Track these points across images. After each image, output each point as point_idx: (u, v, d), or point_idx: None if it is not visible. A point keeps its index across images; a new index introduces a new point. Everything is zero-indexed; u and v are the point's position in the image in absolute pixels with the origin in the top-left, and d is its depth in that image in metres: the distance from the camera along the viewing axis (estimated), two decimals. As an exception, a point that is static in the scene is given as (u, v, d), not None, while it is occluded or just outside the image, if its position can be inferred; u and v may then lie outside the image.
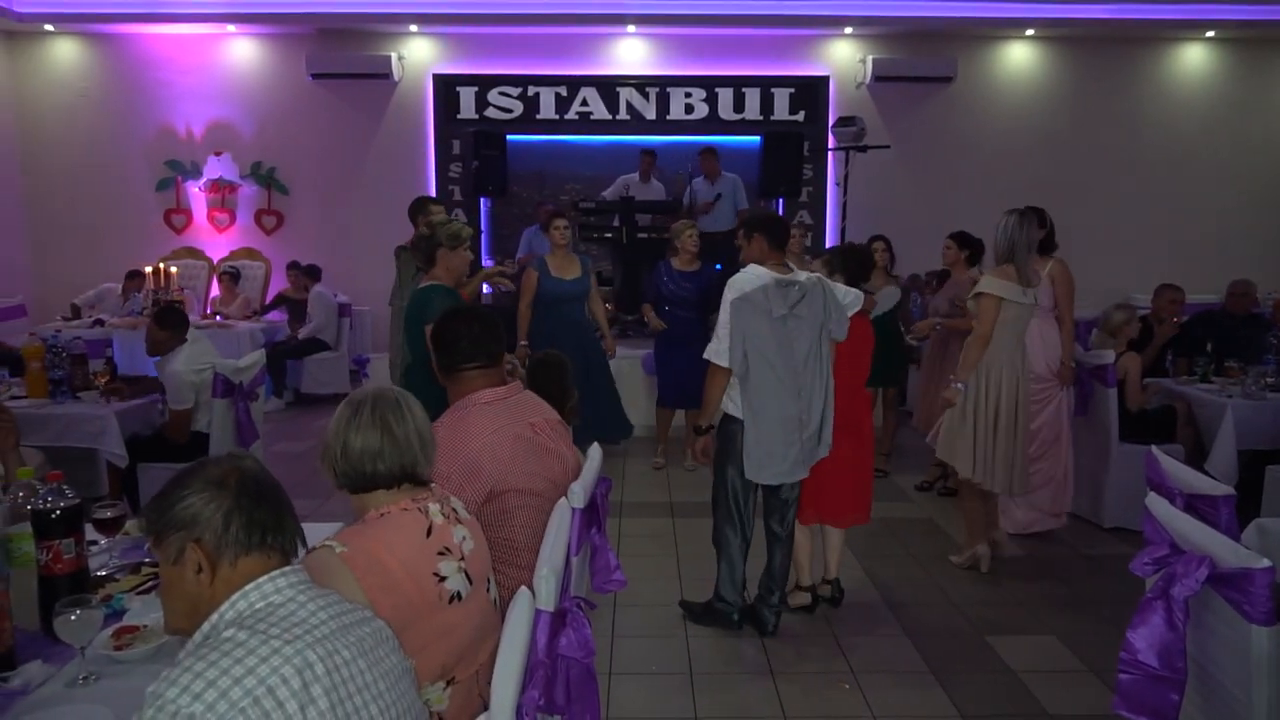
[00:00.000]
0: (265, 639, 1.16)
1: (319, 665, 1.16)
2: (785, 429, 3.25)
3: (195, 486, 1.31)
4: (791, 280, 3.27)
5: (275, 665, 1.13)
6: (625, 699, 3.07)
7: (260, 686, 1.10)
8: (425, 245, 3.56)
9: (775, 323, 3.21)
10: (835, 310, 3.32)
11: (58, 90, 9.37)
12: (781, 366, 3.23)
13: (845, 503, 3.69)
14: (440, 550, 1.67)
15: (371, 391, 1.76)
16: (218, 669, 1.11)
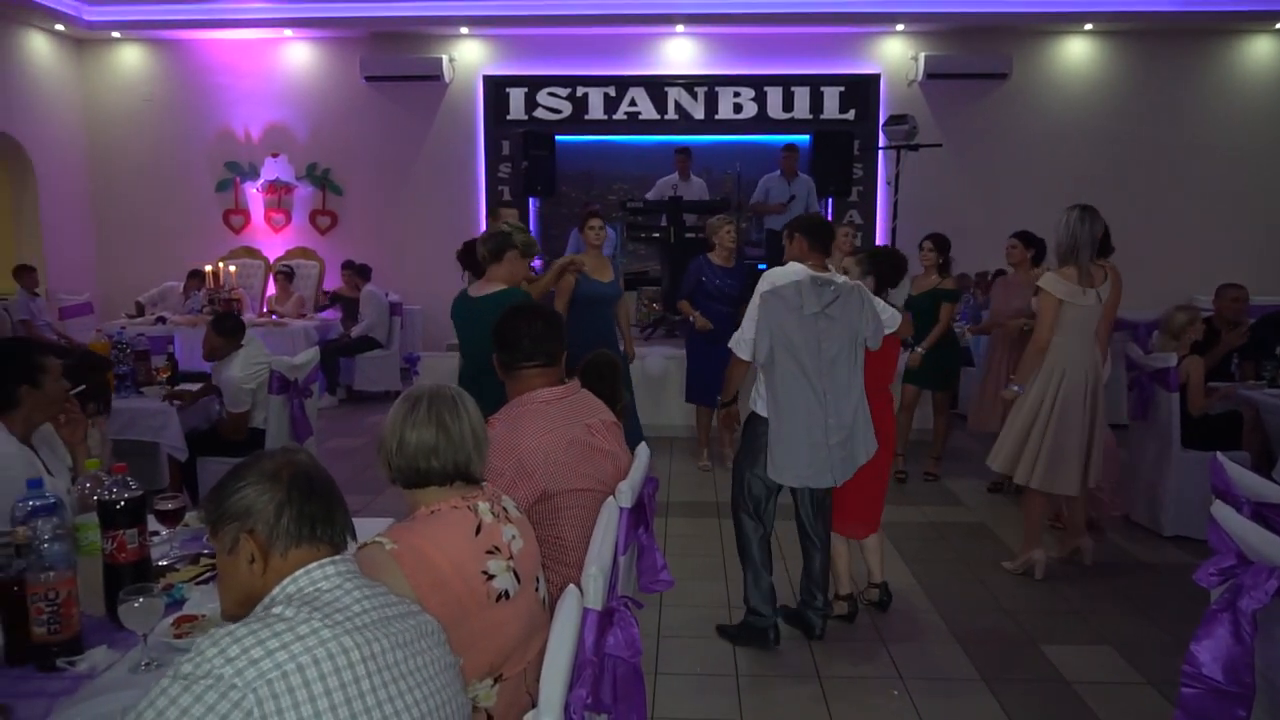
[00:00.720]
0: (306, 619, 1.18)
1: (354, 652, 1.18)
2: (810, 430, 3.19)
3: (250, 479, 1.35)
4: (828, 280, 3.23)
5: (309, 645, 1.15)
6: (670, 699, 3.07)
7: (290, 662, 1.13)
8: (496, 242, 3.57)
9: (806, 320, 3.16)
10: (873, 318, 3.25)
11: (123, 95, 9.68)
12: (808, 365, 3.18)
13: (848, 514, 3.59)
14: (489, 549, 1.68)
15: (429, 389, 1.79)
16: (255, 638, 1.14)
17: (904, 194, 8.04)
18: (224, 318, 4.59)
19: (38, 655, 1.74)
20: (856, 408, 3.24)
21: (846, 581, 3.68)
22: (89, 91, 9.69)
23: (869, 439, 3.30)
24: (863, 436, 3.28)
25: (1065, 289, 3.79)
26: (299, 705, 1.11)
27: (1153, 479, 4.66)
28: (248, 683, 1.10)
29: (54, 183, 9.29)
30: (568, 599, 1.48)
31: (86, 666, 1.74)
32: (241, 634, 1.15)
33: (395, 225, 9.51)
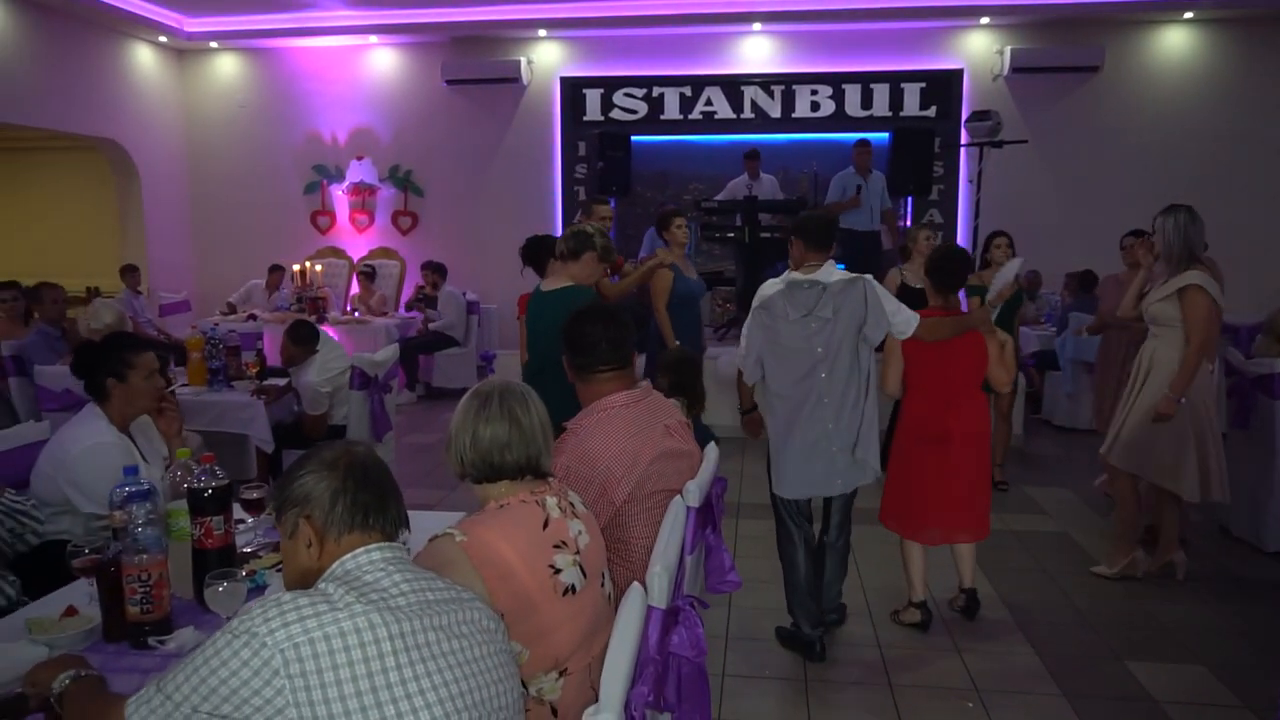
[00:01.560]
0: (342, 596, 1.25)
1: (382, 629, 1.23)
2: (808, 440, 3.10)
3: (310, 467, 1.43)
4: (811, 281, 3.12)
5: (339, 618, 1.21)
6: (737, 702, 3.05)
7: (318, 630, 1.20)
8: (578, 242, 3.59)
9: (793, 326, 3.07)
10: (875, 310, 3.10)
11: (220, 102, 10.12)
12: (800, 372, 3.08)
13: (930, 519, 3.47)
14: (556, 543, 1.70)
15: (498, 384, 1.82)
16: (293, 606, 1.22)
17: (986, 192, 7.81)
18: (298, 326, 4.75)
19: (131, 633, 1.83)
20: (865, 411, 3.14)
21: (920, 588, 3.58)
22: (189, 99, 10.17)
23: (870, 447, 3.19)
24: (867, 443, 3.17)
25: (1216, 289, 3.63)
26: (321, 671, 1.18)
27: (1255, 492, 4.41)
28: (277, 643, 1.18)
29: (157, 187, 9.78)
30: (632, 596, 1.49)
31: (175, 646, 1.82)
32: (285, 601, 1.23)
33: (473, 225, 9.69)
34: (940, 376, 3.40)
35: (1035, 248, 8.09)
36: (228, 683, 1.18)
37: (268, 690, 1.17)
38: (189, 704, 1.20)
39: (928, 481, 3.41)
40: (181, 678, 1.21)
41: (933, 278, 3.49)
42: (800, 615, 3.35)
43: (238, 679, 1.18)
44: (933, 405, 3.40)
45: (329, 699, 1.17)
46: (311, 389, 4.46)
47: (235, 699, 1.18)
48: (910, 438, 3.45)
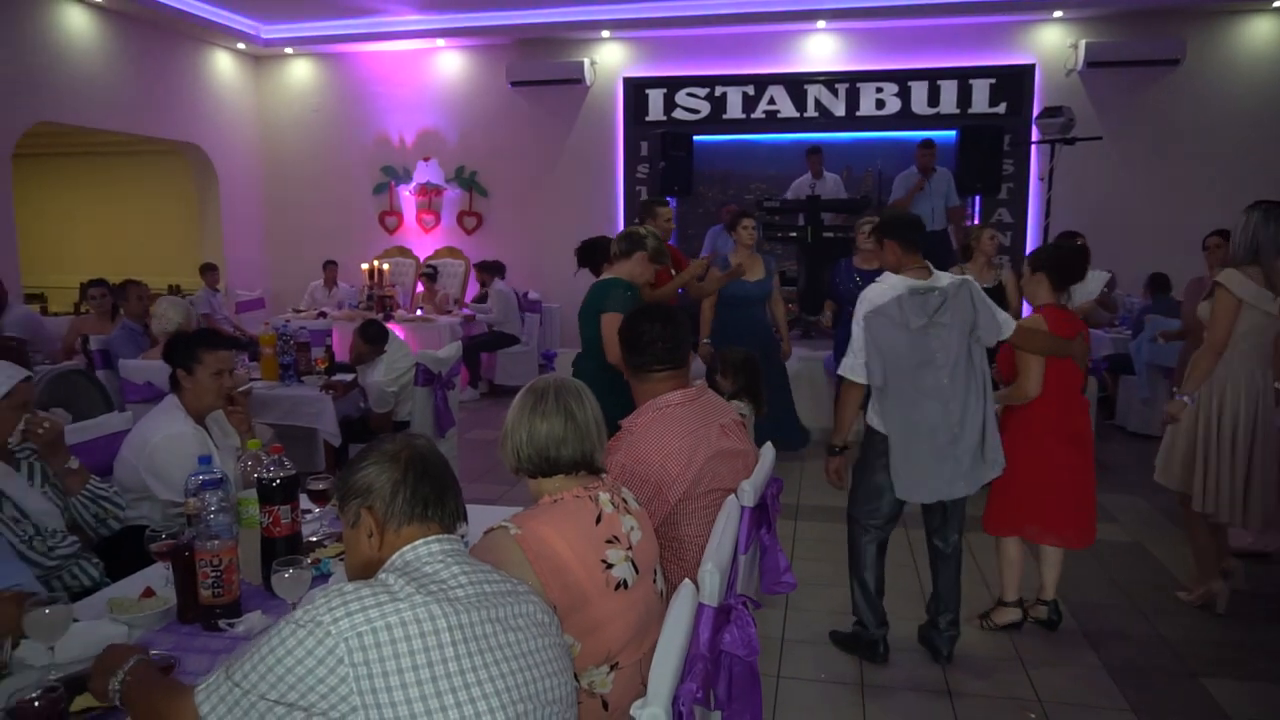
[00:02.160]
0: (403, 587, 1.28)
1: (441, 620, 1.25)
2: (935, 445, 3.02)
3: (372, 459, 1.47)
4: (929, 287, 3.04)
5: (400, 609, 1.24)
6: (792, 704, 3.03)
7: (380, 620, 1.22)
8: (630, 243, 3.62)
9: (914, 335, 2.98)
10: (984, 312, 3.04)
11: (293, 106, 10.44)
12: (923, 379, 3.00)
13: (1069, 519, 3.39)
14: (609, 538, 1.72)
15: (552, 380, 1.84)
16: (356, 596, 1.25)
17: (1059, 191, 7.58)
18: (369, 325, 4.87)
19: (204, 615, 1.91)
20: (984, 411, 3.06)
21: (1014, 589, 3.50)
22: (264, 104, 10.52)
23: (994, 444, 3.12)
24: (994, 440, 3.11)
25: (1250, 290, 3.45)
26: (384, 660, 1.21)
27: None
28: (340, 632, 1.21)
29: (234, 188, 10.14)
30: (683, 593, 1.50)
31: (244, 629, 1.89)
32: (348, 591, 1.26)
33: (536, 225, 9.80)
34: (1071, 375, 3.35)
35: (1111, 248, 7.85)
36: (294, 670, 1.21)
37: (332, 678, 1.20)
38: (256, 691, 1.23)
39: (1063, 484, 3.34)
40: (249, 666, 1.25)
41: (1052, 275, 3.38)
42: (867, 615, 3.32)
43: (303, 667, 1.21)
44: (1064, 403, 3.34)
45: (390, 687, 1.20)
46: (378, 388, 4.58)
47: (301, 686, 1.21)
48: (1046, 439, 3.33)
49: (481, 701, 1.23)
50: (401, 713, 1.19)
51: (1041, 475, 3.31)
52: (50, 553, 2.26)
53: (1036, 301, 3.41)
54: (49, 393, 3.66)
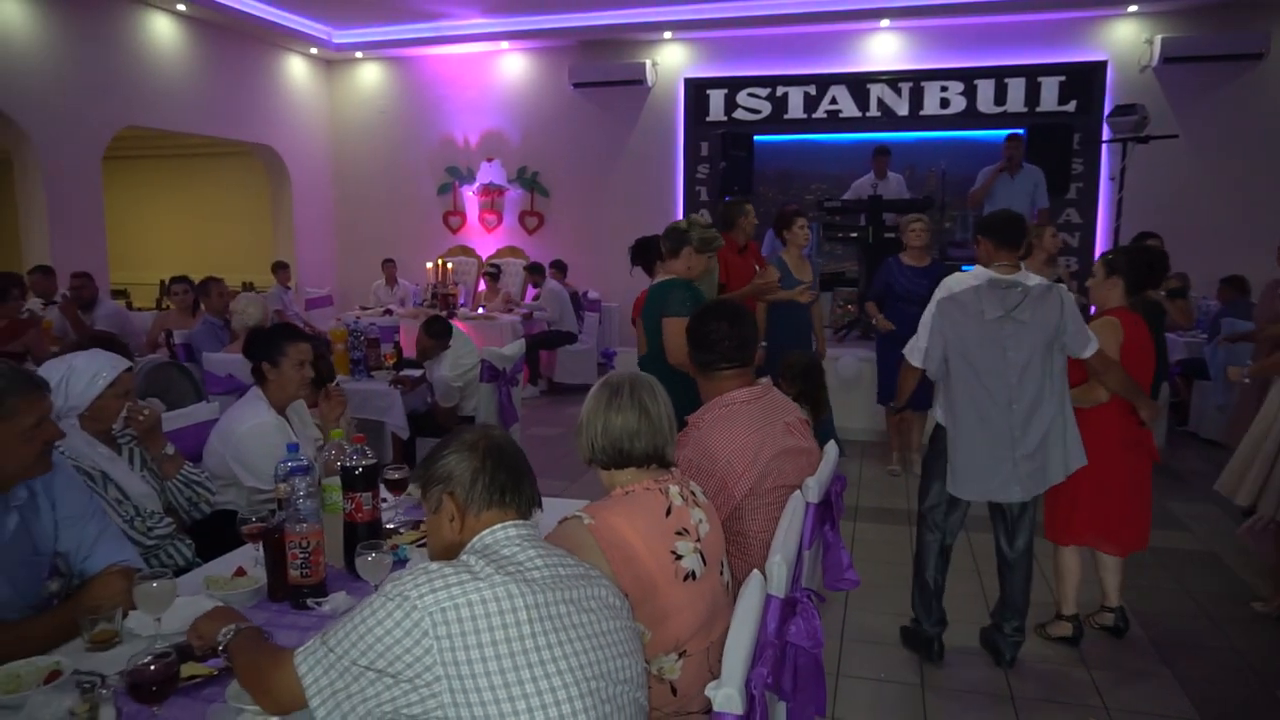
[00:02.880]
0: (484, 568, 1.35)
1: (519, 599, 1.32)
2: (993, 442, 2.99)
3: (453, 448, 1.55)
4: (1013, 282, 3.00)
5: (480, 587, 1.31)
6: (853, 701, 3.04)
7: (463, 598, 1.30)
8: (674, 241, 3.64)
9: (988, 326, 2.96)
10: (1074, 323, 2.99)
11: (362, 109, 10.73)
12: (989, 374, 2.97)
13: (1125, 524, 3.34)
14: (678, 530, 1.77)
15: (628, 375, 1.90)
16: (440, 574, 1.33)
17: (1132, 191, 7.39)
18: (433, 322, 5.00)
19: (292, 594, 2.01)
20: (1052, 419, 3.01)
21: (1072, 601, 3.44)
22: (334, 106, 10.83)
23: (1071, 452, 3.06)
24: (1059, 450, 3.04)
25: None
26: (465, 634, 1.28)
27: None
28: (426, 607, 1.29)
29: (305, 189, 10.47)
30: (752, 583, 1.54)
31: (330, 608, 2.00)
32: (433, 570, 1.34)
33: (596, 225, 9.91)
34: (1139, 374, 3.28)
35: (1186, 249, 7.61)
36: (382, 640, 1.30)
37: (417, 649, 1.28)
38: (349, 658, 1.32)
39: (1124, 488, 3.29)
40: (343, 634, 1.34)
41: (1128, 278, 3.31)
42: (922, 612, 3.31)
43: (391, 637, 1.29)
44: (1127, 409, 3.28)
45: (471, 660, 1.27)
46: (444, 382, 4.71)
47: (389, 655, 1.29)
48: (1111, 443, 3.28)
49: (556, 677, 1.29)
50: (481, 684, 1.26)
51: (1101, 480, 3.26)
52: (149, 533, 2.41)
53: (1108, 305, 3.34)
54: (145, 383, 3.86)
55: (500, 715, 1.25)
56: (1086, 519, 3.32)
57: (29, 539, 1.96)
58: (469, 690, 1.26)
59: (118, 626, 1.82)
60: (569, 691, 1.29)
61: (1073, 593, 3.44)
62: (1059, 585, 3.48)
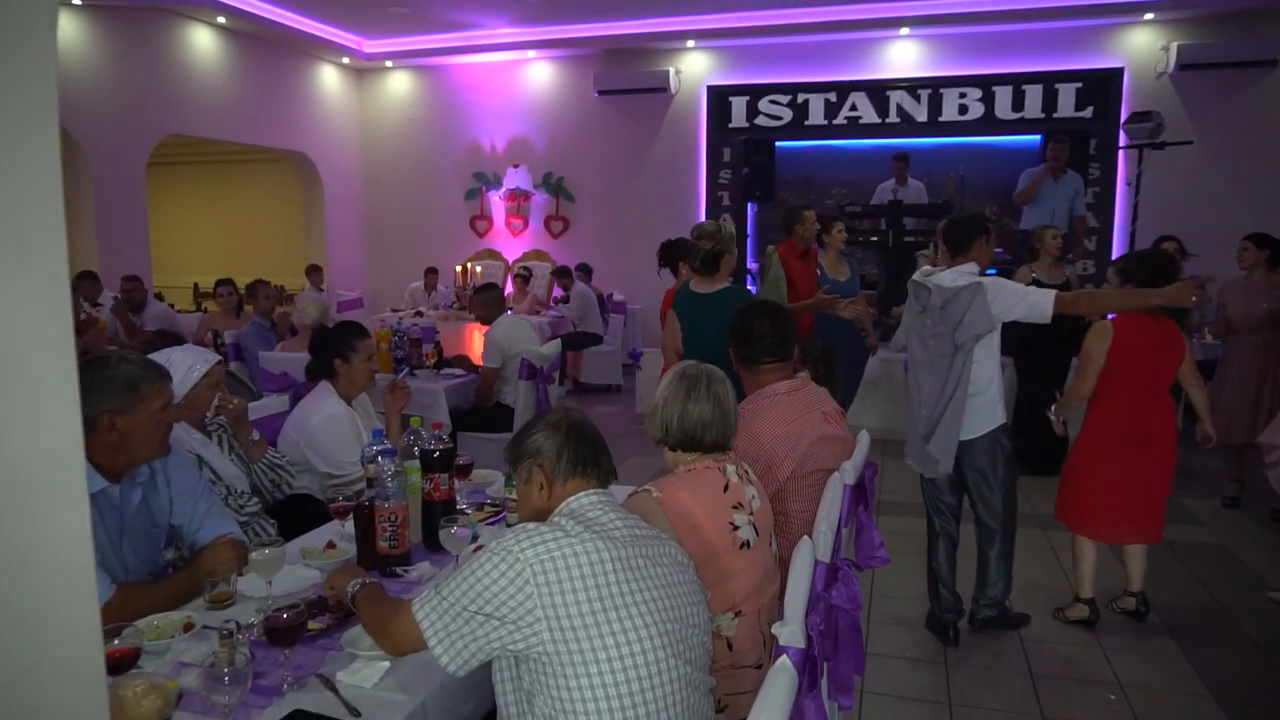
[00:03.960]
0: (574, 527, 1.57)
1: (605, 553, 1.53)
2: (914, 414, 3.40)
3: (539, 427, 1.77)
4: (930, 286, 3.33)
5: (572, 543, 1.53)
6: (881, 677, 3.24)
7: (558, 552, 1.51)
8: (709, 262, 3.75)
9: (916, 317, 3.39)
10: (974, 313, 3.15)
11: (391, 116, 11.01)
12: (919, 356, 3.39)
13: (1123, 519, 3.52)
14: (734, 504, 1.98)
15: (704, 369, 2.12)
16: (538, 532, 1.55)
17: (1146, 196, 7.54)
18: (484, 287, 5.38)
19: (380, 563, 2.24)
20: (944, 408, 3.25)
21: (1088, 585, 3.62)
22: (364, 114, 11.11)
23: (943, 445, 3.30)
24: (943, 440, 3.28)
25: None
26: (560, 582, 1.49)
27: None
28: (527, 560, 1.50)
29: (336, 194, 10.75)
30: (803, 548, 1.75)
31: (415, 575, 2.22)
32: (533, 529, 1.56)
33: (621, 229, 10.13)
34: (1143, 375, 3.40)
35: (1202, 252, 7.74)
36: (490, 589, 1.51)
37: (520, 595, 1.50)
38: (460, 604, 1.53)
39: (1123, 483, 3.45)
40: (455, 585, 1.55)
41: (1139, 282, 3.41)
42: (934, 599, 3.54)
43: (497, 585, 1.51)
44: (1134, 406, 3.42)
45: (566, 603, 1.48)
46: (492, 340, 5.02)
47: (495, 601, 1.51)
48: (1110, 439, 3.45)
49: (638, 618, 1.51)
50: (575, 623, 1.47)
51: (1102, 474, 3.45)
52: (240, 510, 2.64)
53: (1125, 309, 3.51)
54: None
55: (592, 649, 1.47)
56: (1086, 509, 3.53)
57: (149, 513, 2.19)
58: (565, 629, 1.47)
59: (232, 589, 2.05)
60: (648, 630, 1.51)
61: (1088, 578, 3.62)
62: (1075, 569, 3.66)
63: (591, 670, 1.46)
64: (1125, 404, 3.45)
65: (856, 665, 2.09)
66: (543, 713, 1.48)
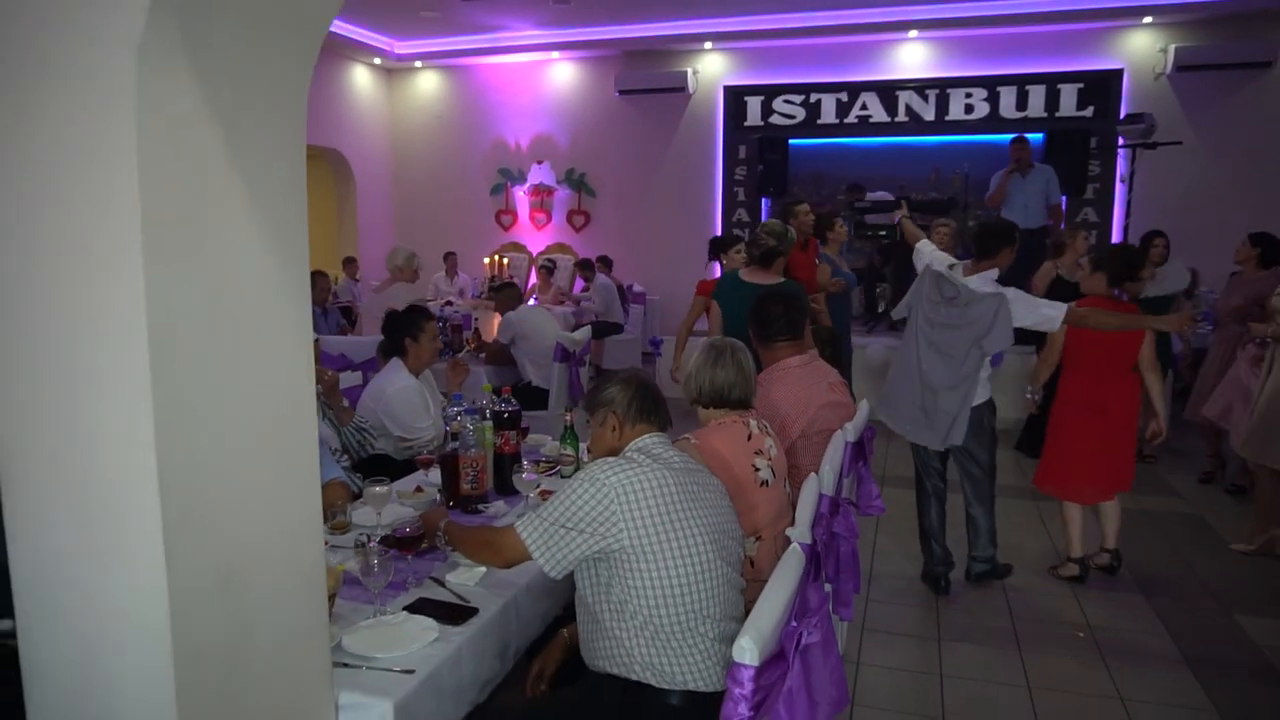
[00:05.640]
0: (643, 460, 2.02)
1: (669, 481, 1.98)
2: (911, 386, 3.72)
3: (614, 382, 2.22)
4: (955, 281, 3.70)
5: (644, 472, 1.97)
6: (874, 649, 3.70)
7: (634, 476, 1.95)
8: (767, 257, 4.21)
9: (932, 303, 3.71)
10: (999, 330, 3.56)
11: (420, 114, 11.49)
12: (925, 331, 3.71)
13: (1087, 479, 3.99)
14: (756, 451, 2.46)
15: (728, 342, 2.59)
16: (617, 464, 1.99)
17: (1146, 192, 7.94)
18: (502, 286, 5.93)
19: (462, 502, 2.72)
20: (953, 394, 3.66)
21: (1078, 545, 4.07)
22: (394, 112, 11.60)
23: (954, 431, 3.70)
24: (946, 420, 3.69)
25: None
26: (635, 500, 1.93)
27: None
28: (610, 484, 1.94)
29: (368, 189, 11.25)
30: (810, 481, 2.21)
31: (491, 512, 2.70)
32: (613, 461, 2.01)
33: (640, 223, 10.59)
34: (1100, 355, 3.88)
35: (1198, 247, 8.13)
36: (581, 509, 1.95)
37: (605, 513, 1.94)
38: (558, 522, 1.97)
39: (1087, 447, 3.92)
40: (551, 507, 1.99)
41: (1109, 272, 3.88)
42: (926, 554, 4.00)
43: (587, 505, 1.95)
44: (1094, 381, 3.91)
45: (640, 516, 1.93)
46: (509, 321, 5.66)
47: (587, 518, 1.94)
48: (1075, 409, 3.94)
49: (693, 527, 1.97)
50: (647, 530, 1.92)
51: (1063, 440, 3.91)
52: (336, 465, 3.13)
53: (1094, 293, 3.97)
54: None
55: (658, 550, 1.92)
56: (1062, 474, 4.00)
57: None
58: (638, 535, 1.93)
59: (348, 518, 2.54)
60: (700, 537, 1.97)
61: (1077, 539, 4.08)
62: (1065, 532, 4.12)
63: (657, 566, 1.91)
64: (1087, 380, 3.92)
65: (855, 585, 2.56)
66: (617, 598, 1.94)
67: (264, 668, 1.46)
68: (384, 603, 2.03)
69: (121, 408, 1.24)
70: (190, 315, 1.29)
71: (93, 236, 1.21)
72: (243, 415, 1.41)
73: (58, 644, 1.35)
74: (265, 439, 1.47)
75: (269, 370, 1.47)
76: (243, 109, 1.36)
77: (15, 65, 1.20)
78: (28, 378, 1.28)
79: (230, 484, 1.38)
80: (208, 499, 1.34)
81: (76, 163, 1.20)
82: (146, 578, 1.27)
